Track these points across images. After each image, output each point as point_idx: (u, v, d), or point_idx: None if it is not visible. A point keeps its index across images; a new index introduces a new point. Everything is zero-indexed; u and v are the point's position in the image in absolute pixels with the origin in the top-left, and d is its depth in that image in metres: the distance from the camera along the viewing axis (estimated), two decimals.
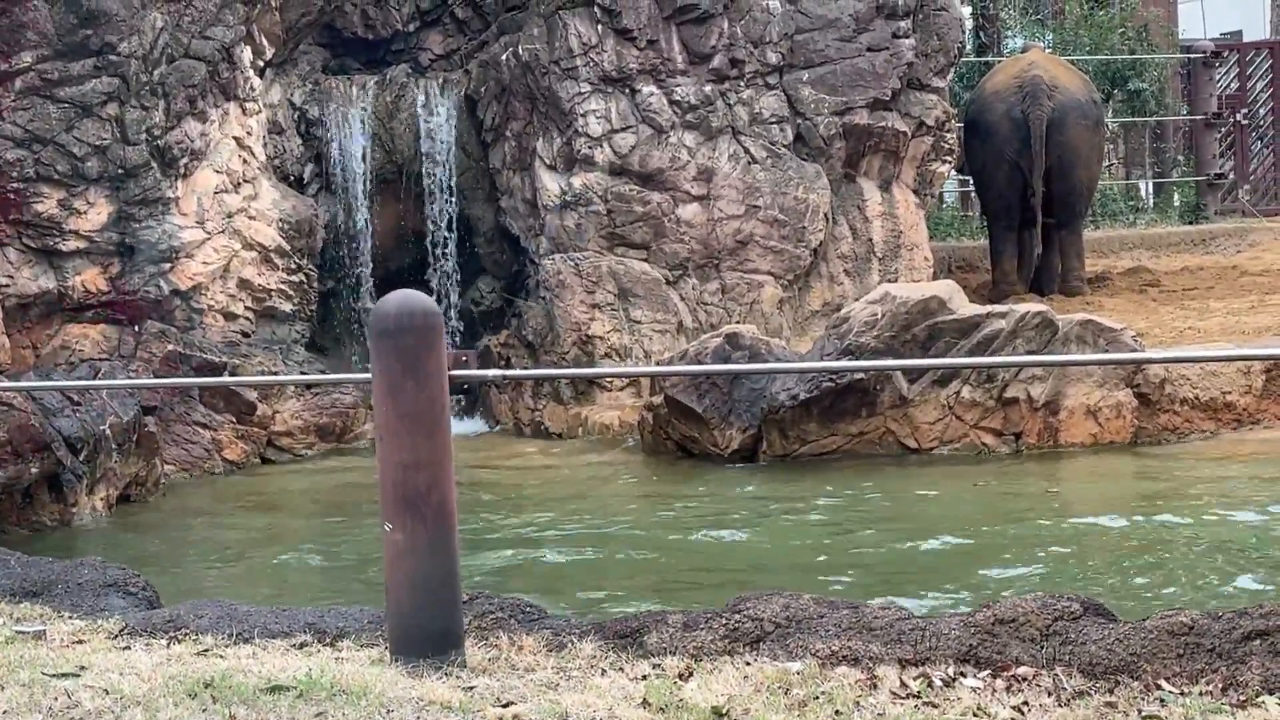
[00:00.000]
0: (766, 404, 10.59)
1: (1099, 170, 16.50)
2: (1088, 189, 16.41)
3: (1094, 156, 16.31)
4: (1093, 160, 16.30)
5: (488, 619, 4.75)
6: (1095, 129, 16.21)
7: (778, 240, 13.82)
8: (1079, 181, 16.23)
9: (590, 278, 13.43)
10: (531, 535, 8.78)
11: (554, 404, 13.30)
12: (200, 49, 12.62)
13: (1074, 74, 16.62)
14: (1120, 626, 4.22)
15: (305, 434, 12.52)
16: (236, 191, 12.91)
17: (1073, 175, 16.15)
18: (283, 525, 9.86)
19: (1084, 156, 16.14)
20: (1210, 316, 13.02)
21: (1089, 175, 16.31)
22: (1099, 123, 16.27)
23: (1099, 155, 16.39)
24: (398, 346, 4.34)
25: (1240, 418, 10.70)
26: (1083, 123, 16.02)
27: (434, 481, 4.36)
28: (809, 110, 14.10)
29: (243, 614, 5.04)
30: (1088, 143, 16.11)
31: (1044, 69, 16.31)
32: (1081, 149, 16.10)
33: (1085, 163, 16.18)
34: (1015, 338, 10.46)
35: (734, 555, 7.90)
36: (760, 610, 4.52)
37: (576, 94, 13.49)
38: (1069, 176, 16.15)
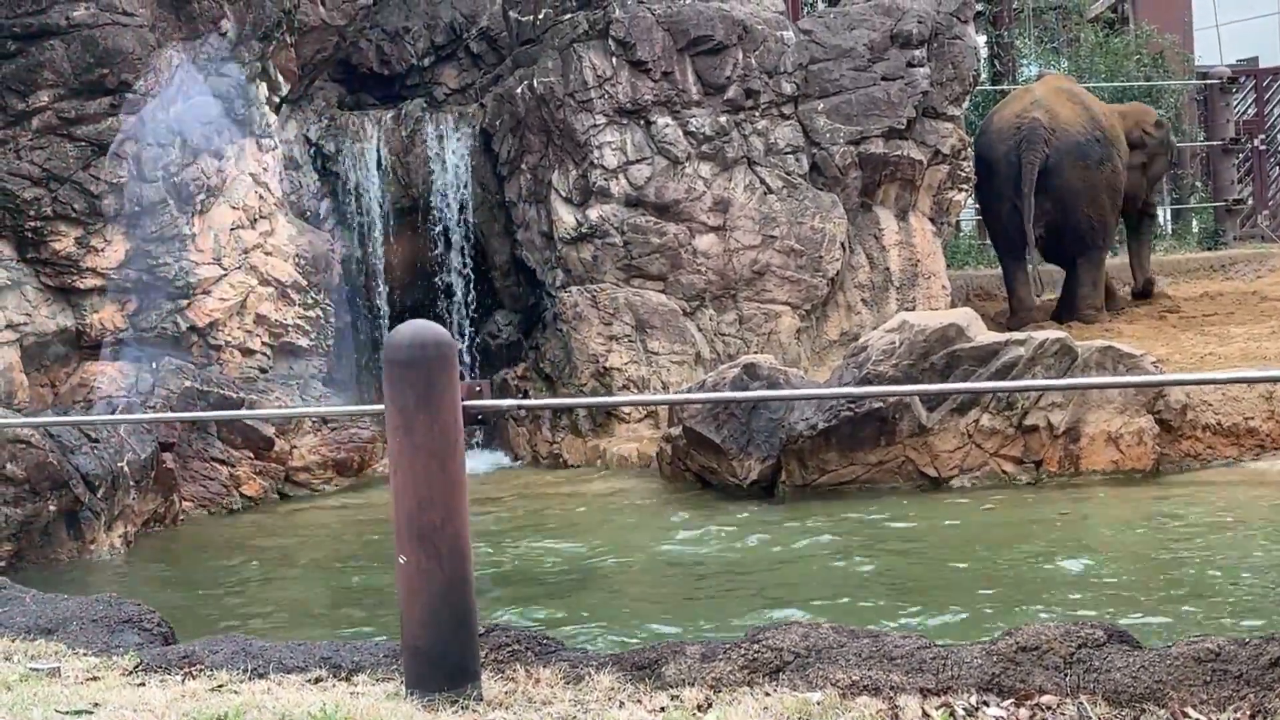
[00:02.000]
0: (785, 434, 10.54)
1: (1111, 203, 16.41)
2: (1098, 224, 16.38)
3: (1099, 193, 16.26)
4: (1099, 196, 16.27)
5: (504, 651, 4.70)
6: (1098, 166, 16.21)
7: (794, 270, 13.79)
8: (1083, 220, 16.36)
9: (607, 309, 13.41)
10: (549, 567, 8.73)
11: (572, 436, 13.27)
12: (216, 86, 12.65)
13: (1079, 107, 16.48)
14: (1145, 653, 4.16)
15: (323, 469, 12.49)
16: (253, 227, 12.92)
17: (1075, 215, 16.35)
18: (299, 560, 9.82)
19: (1085, 196, 16.24)
20: (1231, 342, 12.94)
21: (1095, 212, 16.30)
22: (1103, 160, 16.20)
23: (1109, 190, 16.31)
24: (411, 376, 4.30)
25: (1263, 443, 10.62)
26: (1079, 164, 16.14)
27: (448, 513, 4.32)
28: (824, 140, 14.09)
29: (258, 649, 4.99)
30: (1088, 182, 16.18)
31: (1046, 108, 16.41)
32: (1082, 190, 16.20)
33: (1089, 201, 16.24)
34: (1034, 364, 10.40)
35: (753, 586, 7.84)
36: (779, 640, 4.46)
37: (592, 126, 13.51)
38: (1071, 216, 16.38)
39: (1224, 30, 26.68)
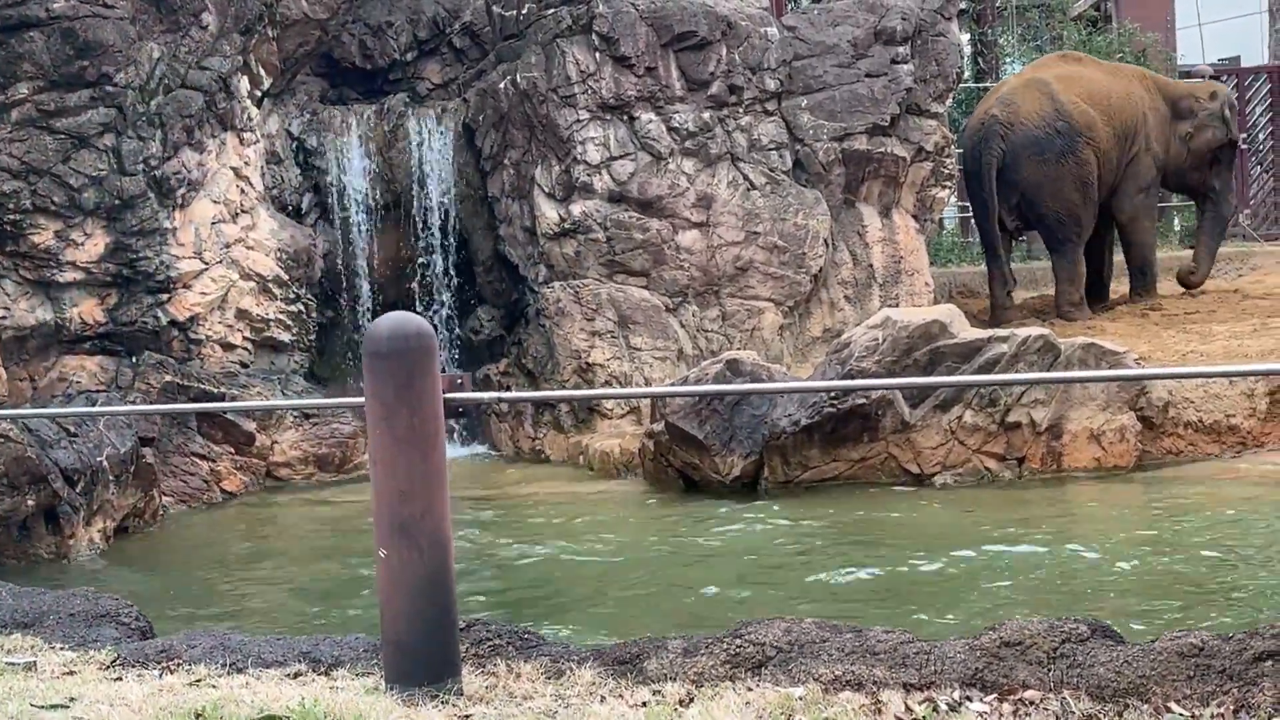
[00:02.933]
0: (768, 430, 10.52)
1: (1081, 195, 16.23)
2: (1065, 218, 16.23)
3: (1062, 186, 16.11)
4: (1062, 189, 16.11)
5: (485, 646, 4.68)
6: (1058, 159, 16.01)
7: (778, 266, 13.78)
8: (1048, 214, 16.31)
9: (590, 305, 13.38)
10: (530, 562, 8.70)
11: (554, 432, 13.24)
12: (197, 79, 12.60)
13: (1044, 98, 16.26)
14: (1129, 648, 4.14)
15: (304, 464, 12.45)
16: (234, 221, 12.87)
17: (1039, 209, 16.33)
18: (280, 555, 9.78)
19: (1046, 190, 16.12)
20: (1213, 340, 12.95)
21: (1061, 204, 16.17)
22: (1065, 152, 16.03)
23: (1075, 181, 16.16)
24: (391, 369, 4.27)
25: (1244, 441, 10.64)
26: (1035, 159, 16.03)
27: (429, 506, 4.29)
28: (808, 136, 14.08)
29: (236, 644, 4.96)
30: (1047, 175, 16.04)
31: (1006, 103, 16.46)
32: (1043, 183, 16.11)
33: (1051, 195, 16.11)
34: (1017, 361, 10.39)
35: (735, 581, 7.82)
36: (762, 635, 4.44)
37: (575, 121, 13.47)
38: (1036, 210, 16.39)
39: (1206, 29, 26.74)
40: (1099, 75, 16.83)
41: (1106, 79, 16.79)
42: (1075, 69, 16.98)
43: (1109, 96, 16.48)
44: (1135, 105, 16.63)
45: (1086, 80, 16.60)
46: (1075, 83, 16.51)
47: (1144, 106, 16.70)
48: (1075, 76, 16.65)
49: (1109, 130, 16.35)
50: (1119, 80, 16.87)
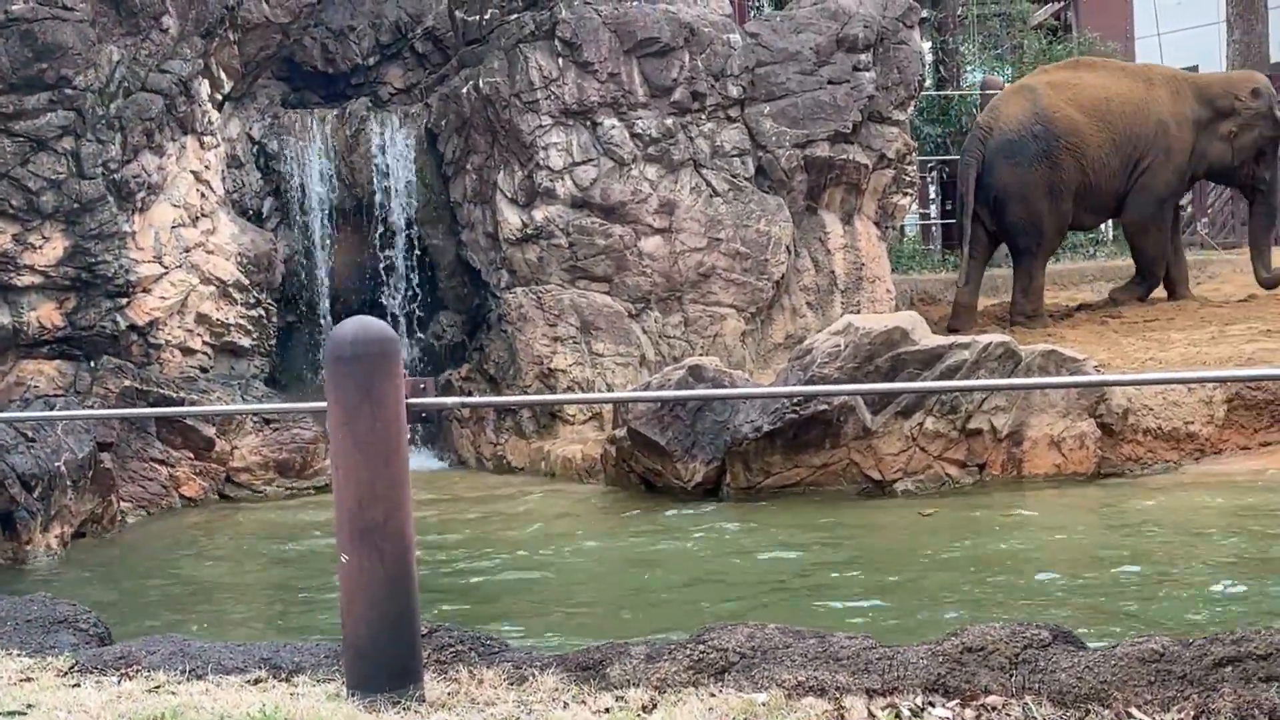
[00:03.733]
0: (730, 436, 10.53)
1: (1050, 203, 16.26)
2: (1028, 225, 16.26)
3: (1031, 192, 16.14)
4: (1030, 195, 16.15)
5: (447, 652, 4.66)
6: (1032, 164, 16.05)
7: (740, 273, 13.80)
8: (1014, 219, 16.36)
9: (552, 311, 13.37)
10: (493, 568, 8.68)
11: (516, 438, 13.22)
12: (157, 82, 12.52)
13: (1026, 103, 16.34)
14: (1090, 654, 4.16)
15: (264, 470, 12.38)
16: (194, 225, 12.80)
17: (1006, 213, 16.39)
18: (240, 561, 9.72)
19: (1015, 195, 16.18)
20: (1171, 347, 13.03)
21: (1025, 212, 16.21)
22: (1039, 157, 16.07)
23: (1046, 188, 16.20)
24: (354, 373, 4.24)
25: (1203, 448, 10.70)
26: (1009, 162, 16.09)
27: (391, 511, 4.27)
28: (770, 143, 14.11)
29: (196, 650, 4.92)
30: (1019, 179, 16.09)
31: (993, 108, 16.63)
32: (1013, 187, 16.16)
33: (1019, 200, 16.17)
34: (978, 368, 10.43)
35: (697, 586, 7.81)
36: (725, 640, 4.44)
37: (537, 127, 13.46)
38: (1003, 215, 16.44)
39: (1165, 39, 26.93)
40: (1103, 81, 16.63)
41: (1113, 85, 16.58)
42: (1074, 75, 16.83)
43: (1107, 103, 16.32)
44: (1147, 113, 16.41)
45: (1083, 86, 16.46)
46: (1066, 88, 16.40)
47: (1163, 113, 16.46)
48: (1069, 83, 16.54)
49: (1103, 136, 16.17)
50: (1133, 87, 16.61)
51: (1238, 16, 26.85)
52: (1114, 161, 16.33)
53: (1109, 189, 16.43)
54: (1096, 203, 16.59)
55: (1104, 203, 16.63)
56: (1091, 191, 16.36)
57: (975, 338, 10.91)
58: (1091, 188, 16.32)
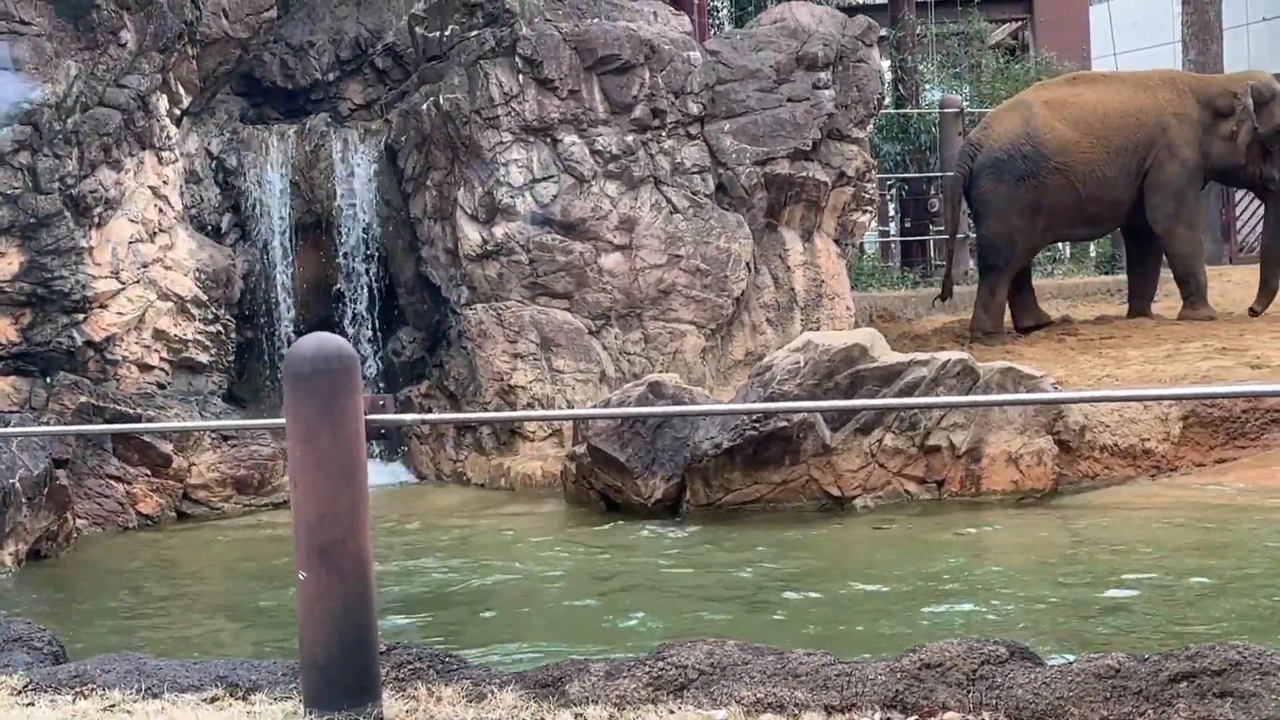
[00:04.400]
0: (690, 453, 10.54)
1: (1025, 223, 16.31)
2: (1001, 242, 16.38)
3: (1009, 209, 16.25)
4: (1007, 213, 16.27)
5: (405, 669, 4.64)
6: (1016, 182, 16.15)
7: (700, 290, 13.82)
8: (987, 233, 16.55)
9: (512, 327, 13.36)
10: (452, 585, 8.65)
11: (476, 454, 13.19)
12: (115, 97, 12.46)
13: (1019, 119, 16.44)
14: (1047, 670, 4.18)
15: (222, 486, 12.31)
16: (152, 241, 12.73)
17: (980, 226, 16.62)
18: (197, 579, 9.66)
19: (992, 210, 16.33)
20: (1127, 365, 13.12)
21: (1003, 227, 16.32)
22: (1025, 176, 16.15)
23: (1025, 207, 16.28)
24: (313, 390, 4.24)
25: (1159, 464, 10.78)
26: (992, 178, 16.24)
27: (350, 528, 4.26)
28: (730, 160, 14.15)
29: (152, 668, 4.89)
30: (999, 195, 16.22)
31: (986, 123, 16.87)
32: (991, 203, 16.32)
33: (995, 216, 16.32)
34: (937, 385, 10.48)
35: (657, 603, 7.81)
36: (684, 657, 4.44)
37: (498, 143, 13.46)
38: (979, 226, 16.70)
39: (1121, 59, 27.18)
40: (1100, 96, 16.63)
41: (1110, 98, 16.56)
42: (1071, 91, 16.86)
43: (1104, 118, 16.31)
44: (1146, 118, 16.35)
45: (1079, 103, 16.47)
46: (1062, 106, 16.43)
47: (1163, 113, 16.37)
48: (1065, 100, 16.57)
49: (1097, 150, 16.14)
50: (1131, 96, 16.58)
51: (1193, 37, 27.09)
52: (1109, 171, 16.26)
53: (1107, 198, 16.35)
54: (1092, 214, 16.55)
55: (1102, 213, 16.59)
56: (1084, 204, 16.33)
57: (934, 355, 10.97)
58: (1084, 201, 16.28)
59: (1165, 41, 32.83)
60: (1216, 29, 27.22)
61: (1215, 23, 27.25)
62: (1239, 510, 9.47)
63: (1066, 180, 16.13)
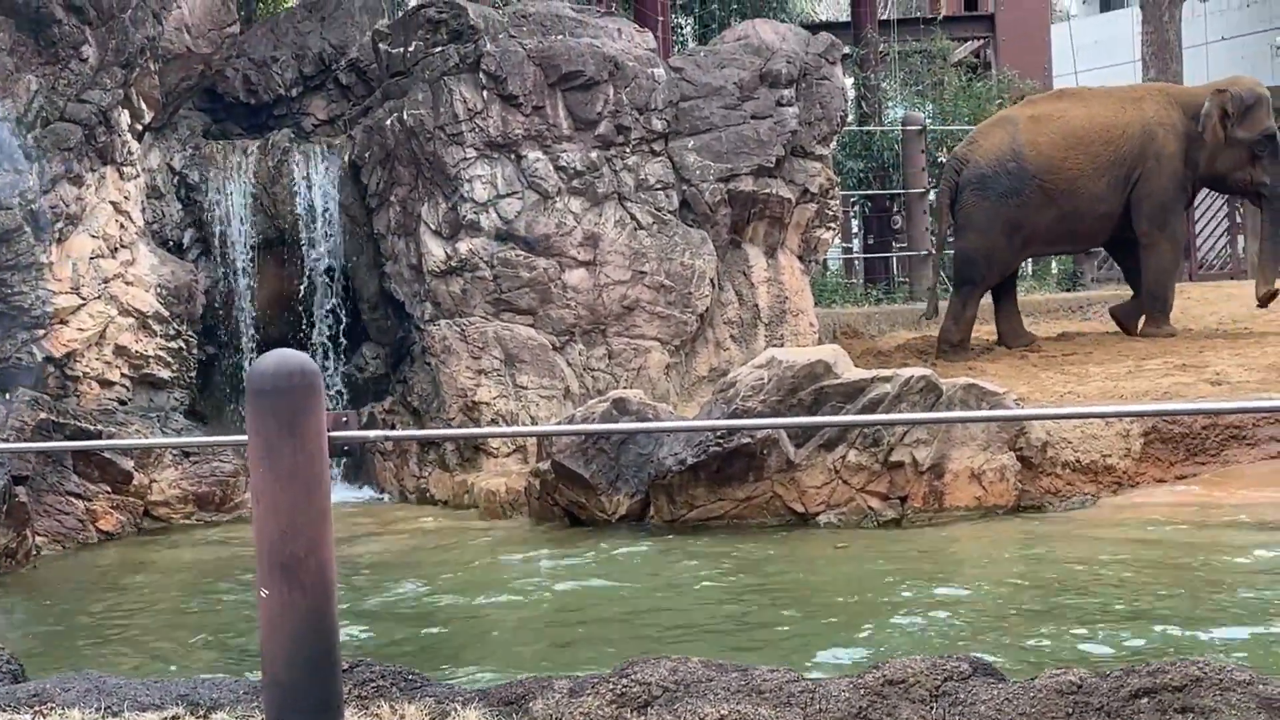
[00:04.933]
0: (654, 469, 10.53)
1: (1005, 239, 16.36)
2: (979, 257, 16.46)
3: (991, 225, 16.31)
4: (988, 229, 16.34)
5: (369, 687, 4.62)
6: (999, 198, 16.20)
7: (664, 306, 13.83)
8: (966, 247, 16.65)
9: (476, 343, 13.34)
10: (415, 602, 8.62)
11: (440, 471, 13.16)
12: (76, 112, 12.40)
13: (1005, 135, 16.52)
14: (1009, 686, 4.20)
15: (183, 503, 12.24)
16: (113, 256, 12.67)
17: (960, 240, 16.71)
18: (158, 596, 9.59)
19: (974, 225, 16.44)
20: (1089, 381, 13.19)
21: (982, 242, 16.40)
22: (1008, 193, 16.20)
23: (1006, 224, 16.34)
24: (275, 406, 4.21)
25: (1120, 480, 10.83)
26: (976, 193, 16.37)
27: (313, 545, 4.23)
28: (694, 176, 14.17)
29: (112, 686, 4.85)
30: (981, 211, 16.30)
31: (972, 139, 17.04)
32: (974, 217, 16.41)
33: (976, 231, 16.42)
34: (900, 401, 10.51)
35: (621, 620, 7.80)
36: (648, 675, 4.44)
37: (462, 159, 13.45)
38: (958, 241, 16.82)
39: (1082, 77, 27.35)
40: (1086, 111, 16.68)
41: (1095, 113, 16.61)
42: (1057, 106, 16.95)
43: (1089, 132, 16.37)
44: (1130, 131, 16.39)
45: (1065, 119, 16.53)
46: (1048, 121, 16.51)
47: (1149, 125, 16.41)
48: (1050, 115, 16.64)
49: (1082, 164, 16.21)
50: (1116, 110, 16.64)
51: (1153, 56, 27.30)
52: (1097, 186, 16.34)
53: (1095, 212, 16.42)
54: (1078, 230, 16.63)
55: (1089, 226, 16.65)
56: (1069, 219, 16.41)
57: (897, 371, 11.00)
58: (1068, 215, 16.36)
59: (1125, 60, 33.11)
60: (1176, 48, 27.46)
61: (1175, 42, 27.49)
62: (1198, 527, 9.53)
63: (1049, 197, 16.21)
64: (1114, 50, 35.52)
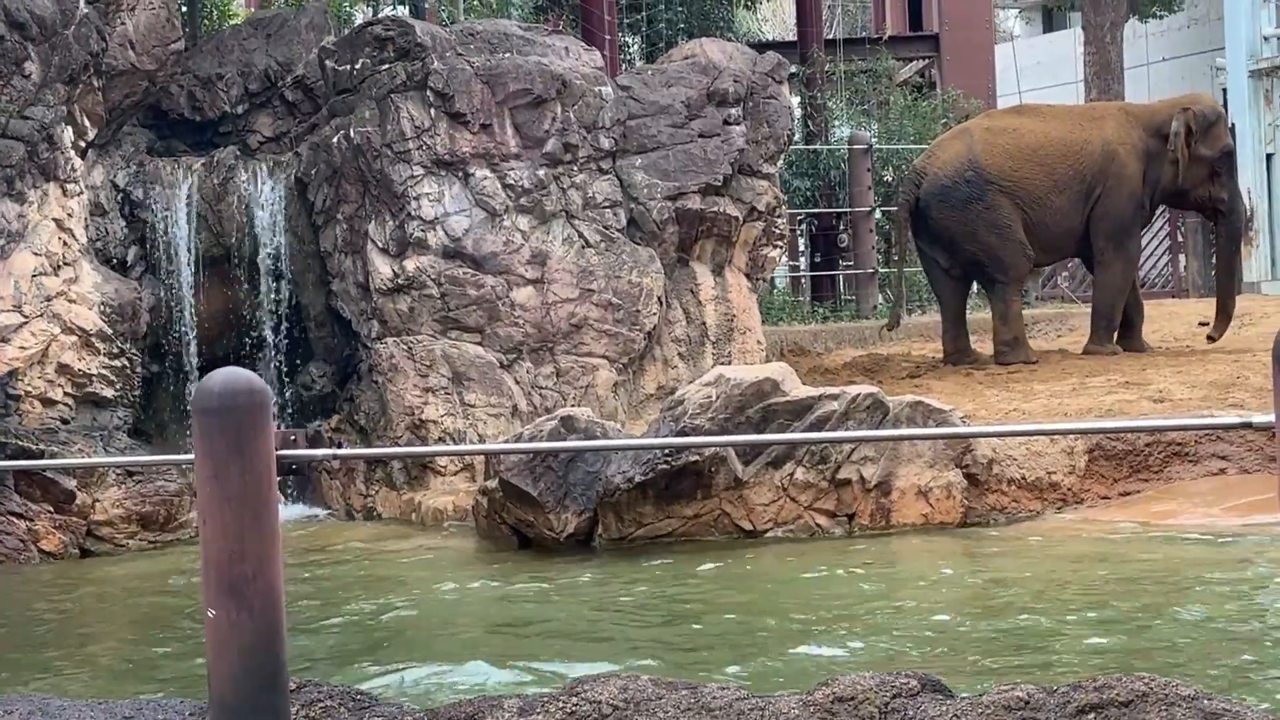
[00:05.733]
0: (602, 487, 10.53)
1: (997, 238, 16.39)
2: (987, 258, 16.46)
3: (975, 230, 16.33)
4: (976, 233, 16.37)
5: (316, 708, 4.59)
6: (964, 206, 16.27)
7: (612, 324, 13.84)
8: (970, 254, 16.60)
9: (423, 361, 13.30)
10: (363, 621, 8.57)
11: (386, 489, 13.10)
12: (18, 129, 12.30)
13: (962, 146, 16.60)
14: (958, 702, 4.22)
15: (127, 523, 12.12)
16: (56, 274, 12.56)
17: (961, 252, 16.64)
18: (102, 617, 9.51)
19: (960, 234, 16.47)
20: (1034, 398, 13.29)
21: (978, 246, 16.41)
22: (970, 200, 16.23)
23: (987, 225, 16.38)
24: (223, 425, 4.19)
25: (1065, 497, 10.91)
26: (943, 206, 16.44)
27: (261, 565, 4.21)
28: (642, 195, 14.20)
29: (55, 709, 4.80)
30: (958, 220, 16.37)
31: (929, 153, 17.23)
32: (953, 227, 16.47)
33: (967, 238, 16.45)
34: (847, 419, 10.55)
35: (569, 639, 7.79)
36: (598, 693, 4.43)
37: (409, 177, 13.42)
38: (958, 253, 16.69)
39: (1026, 96, 27.60)
40: (1043, 126, 16.79)
41: (1053, 129, 16.72)
42: (1015, 120, 17.11)
43: (1043, 147, 16.47)
44: (1089, 148, 16.50)
45: (1022, 131, 16.65)
46: (1004, 133, 16.64)
47: (1110, 143, 16.52)
48: (1007, 128, 16.78)
49: (1041, 177, 16.31)
50: (1074, 127, 16.75)
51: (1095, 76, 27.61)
52: (1060, 200, 16.46)
53: (1061, 226, 16.56)
54: (1048, 241, 16.75)
55: (1056, 241, 16.80)
56: (1039, 229, 16.51)
57: (844, 389, 11.04)
58: (1036, 226, 16.48)
59: (1069, 81, 33.45)
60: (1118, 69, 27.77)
61: (1117, 63, 27.80)
62: (1142, 543, 9.62)
63: (1014, 203, 16.29)
64: (1057, 71, 35.88)
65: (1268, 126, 25.12)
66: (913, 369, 16.78)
